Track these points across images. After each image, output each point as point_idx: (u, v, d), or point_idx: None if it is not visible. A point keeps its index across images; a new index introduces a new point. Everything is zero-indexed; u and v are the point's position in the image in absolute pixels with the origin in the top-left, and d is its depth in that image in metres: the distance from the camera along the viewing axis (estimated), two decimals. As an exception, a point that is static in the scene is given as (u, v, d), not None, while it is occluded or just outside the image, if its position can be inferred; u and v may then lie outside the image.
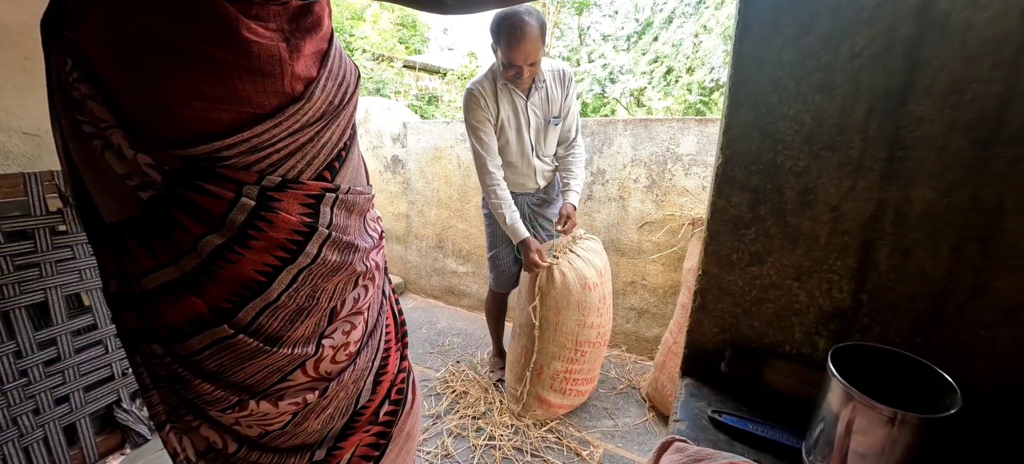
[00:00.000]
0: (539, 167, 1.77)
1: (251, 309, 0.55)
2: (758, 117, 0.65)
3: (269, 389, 0.61)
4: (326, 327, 0.64)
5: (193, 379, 0.57)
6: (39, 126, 1.43)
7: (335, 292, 0.63)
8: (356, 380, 0.72)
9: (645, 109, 7.23)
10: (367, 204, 0.68)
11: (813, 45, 0.60)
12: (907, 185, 0.58)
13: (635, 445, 1.72)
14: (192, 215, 0.50)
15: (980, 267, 0.56)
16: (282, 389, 0.62)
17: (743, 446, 0.61)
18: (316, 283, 0.59)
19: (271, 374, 0.60)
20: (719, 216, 0.71)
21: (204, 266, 0.52)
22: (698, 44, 6.72)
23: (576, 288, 1.64)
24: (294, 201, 0.55)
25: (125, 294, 0.56)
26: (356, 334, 0.69)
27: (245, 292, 0.54)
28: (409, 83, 9.11)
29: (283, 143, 0.52)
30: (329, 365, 0.66)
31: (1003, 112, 0.52)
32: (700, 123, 1.98)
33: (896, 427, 0.45)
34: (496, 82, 1.62)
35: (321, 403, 0.67)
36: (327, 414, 0.69)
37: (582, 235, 1.83)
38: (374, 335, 0.75)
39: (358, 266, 0.64)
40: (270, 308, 0.57)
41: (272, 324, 0.58)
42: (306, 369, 0.63)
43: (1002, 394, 0.58)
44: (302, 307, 0.59)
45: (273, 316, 0.57)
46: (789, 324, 0.69)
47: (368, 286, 0.70)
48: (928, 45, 0.54)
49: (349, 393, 0.71)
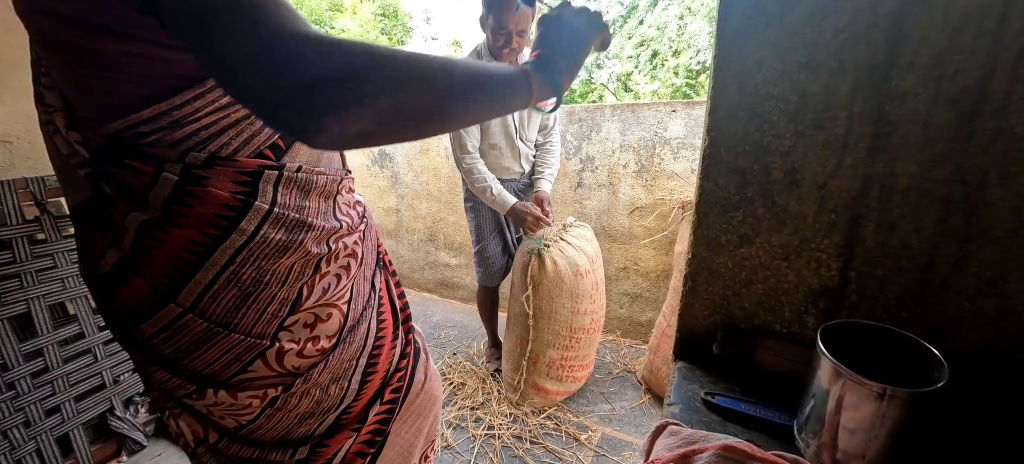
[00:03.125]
0: (523, 150, 1.79)
1: (192, 288, 0.53)
2: (743, 97, 0.65)
3: (229, 379, 0.59)
4: (287, 317, 0.60)
5: (148, 366, 0.57)
6: (9, 132, 1.39)
7: (290, 277, 0.59)
8: (335, 379, 0.67)
9: (632, 94, 7.22)
10: (332, 186, 0.62)
11: (796, 23, 0.59)
12: (892, 160, 0.58)
13: (632, 427, 1.74)
14: (120, 193, 0.50)
15: (964, 239, 0.57)
16: (242, 380, 0.60)
17: (736, 426, 0.61)
18: (261, 265, 0.55)
19: (229, 362, 0.58)
20: (707, 199, 0.71)
21: (139, 245, 0.51)
22: (683, 27, 6.71)
23: (568, 275, 1.64)
24: (225, 178, 0.51)
25: (90, 278, 0.56)
26: (328, 327, 0.65)
27: (183, 267, 0.52)
28: (394, 75, 8.99)
29: (210, 119, 0.50)
30: (295, 359, 0.62)
31: (985, 84, 0.52)
32: (687, 106, 1.98)
33: (885, 402, 0.46)
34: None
35: (289, 400, 0.63)
36: (300, 412, 0.65)
37: (573, 223, 1.84)
38: (356, 331, 0.69)
39: (312, 247, 0.59)
40: (210, 289, 0.54)
41: (216, 308, 0.55)
42: (268, 361, 0.60)
43: (987, 364, 0.59)
44: (247, 291, 0.56)
45: (215, 299, 0.54)
46: (779, 304, 0.70)
47: (341, 275, 0.65)
48: (910, 18, 0.53)
49: (330, 393, 0.67)
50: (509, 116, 1.70)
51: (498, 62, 1.62)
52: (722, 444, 0.51)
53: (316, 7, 9.03)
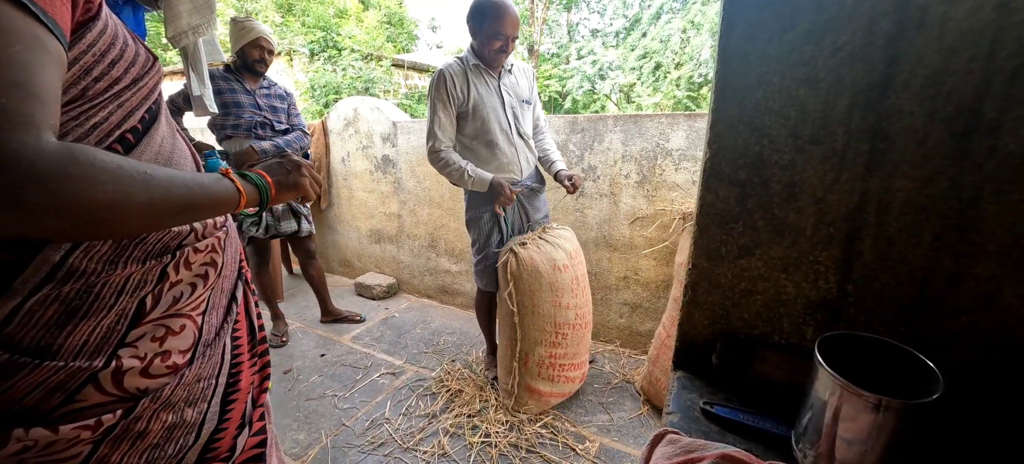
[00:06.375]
0: (521, 147, 1.82)
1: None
2: (744, 112, 0.66)
3: (48, 413, 0.48)
4: (127, 331, 0.52)
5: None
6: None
7: (128, 285, 0.52)
8: (194, 401, 0.59)
9: (634, 105, 7.26)
10: None
11: (796, 40, 0.61)
12: (889, 176, 0.59)
13: (630, 438, 1.73)
14: None
15: (960, 254, 0.57)
16: (69, 413, 0.49)
17: (735, 436, 0.62)
18: (91, 274, 0.48)
19: (49, 395, 0.47)
20: (708, 210, 0.72)
21: None
22: (686, 40, 6.77)
23: (546, 269, 1.69)
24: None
25: None
26: (181, 342, 0.58)
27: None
28: (399, 82, 9.07)
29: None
30: (139, 379, 0.53)
31: (980, 104, 0.53)
32: (689, 118, 2.00)
33: (881, 413, 0.47)
34: (467, 67, 1.71)
35: (133, 427, 0.53)
36: (149, 443, 0.55)
37: (554, 227, 1.87)
38: (214, 345, 0.62)
39: (155, 250, 0.53)
40: (21, 310, 0.45)
41: (29, 332, 0.46)
42: (102, 384, 0.50)
43: (982, 376, 0.60)
44: (73, 305, 0.48)
45: (28, 320, 0.45)
46: (777, 315, 0.71)
47: (196, 284, 0.60)
48: (907, 39, 0.55)
49: (186, 418, 0.58)
50: (504, 113, 1.75)
51: (491, 67, 1.71)
52: (721, 453, 0.51)
53: (322, 14, 9.14)
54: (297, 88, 7.56)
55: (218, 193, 0.53)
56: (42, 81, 0.38)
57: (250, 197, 0.59)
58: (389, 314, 2.86)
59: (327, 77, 7.44)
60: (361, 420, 1.85)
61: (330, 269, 3.65)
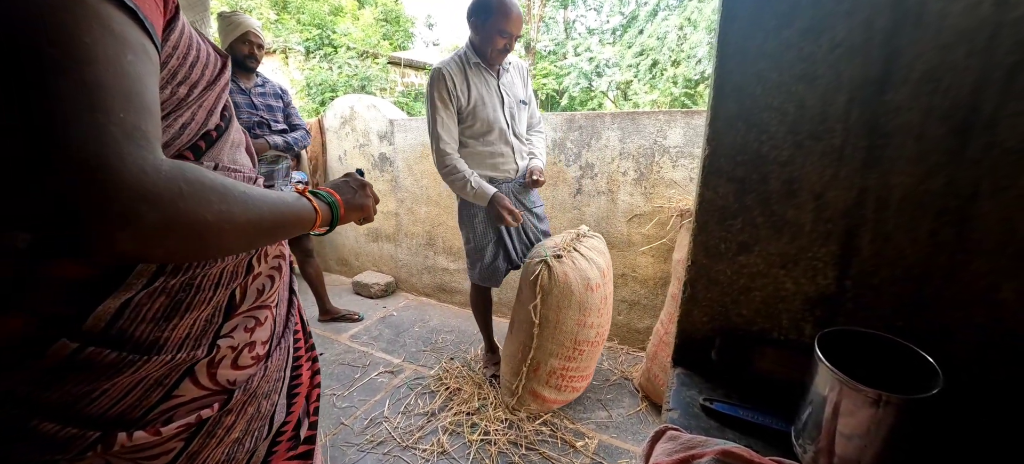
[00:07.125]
0: (516, 146, 1.83)
1: (105, 310, 0.43)
2: (742, 108, 0.66)
3: (147, 415, 0.48)
4: (222, 323, 0.54)
5: (27, 419, 0.43)
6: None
7: (223, 278, 0.53)
8: (268, 393, 0.61)
9: (631, 102, 7.26)
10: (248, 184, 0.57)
11: (794, 37, 0.61)
12: (887, 172, 0.59)
13: (629, 435, 1.74)
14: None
15: (957, 250, 0.58)
16: (166, 410, 0.49)
17: (734, 432, 0.62)
18: (193, 267, 0.50)
19: (148, 392, 0.48)
20: (707, 207, 0.72)
21: (21, 268, 0.40)
22: (683, 37, 6.77)
23: (578, 288, 1.64)
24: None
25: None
26: (263, 333, 0.60)
27: (89, 288, 0.43)
28: (395, 80, 9.03)
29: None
30: (230, 371, 0.55)
31: (977, 100, 0.53)
32: (686, 115, 2.00)
33: (881, 408, 0.47)
34: (466, 65, 1.69)
35: (224, 420, 0.54)
36: (234, 437, 0.56)
37: (586, 232, 1.85)
38: (285, 338, 0.65)
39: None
40: (131, 303, 0.45)
41: (137, 326, 0.46)
42: (198, 378, 0.52)
43: (980, 371, 0.60)
44: (177, 298, 0.49)
45: (136, 314, 0.46)
46: (776, 311, 0.71)
47: (274, 276, 0.62)
48: (904, 35, 0.55)
49: (262, 410, 0.60)
50: (502, 113, 1.75)
51: (491, 65, 1.71)
52: (721, 449, 0.51)
53: (318, 11, 9.08)
54: (293, 86, 7.52)
55: (300, 212, 0.53)
56: (152, 93, 0.38)
57: (324, 216, 0.59)
58: (387, 313, 2.86)
59: (323, 75, 7.40)
60: (360, 419, 1.85)
61: (328, 268, 3.64)
